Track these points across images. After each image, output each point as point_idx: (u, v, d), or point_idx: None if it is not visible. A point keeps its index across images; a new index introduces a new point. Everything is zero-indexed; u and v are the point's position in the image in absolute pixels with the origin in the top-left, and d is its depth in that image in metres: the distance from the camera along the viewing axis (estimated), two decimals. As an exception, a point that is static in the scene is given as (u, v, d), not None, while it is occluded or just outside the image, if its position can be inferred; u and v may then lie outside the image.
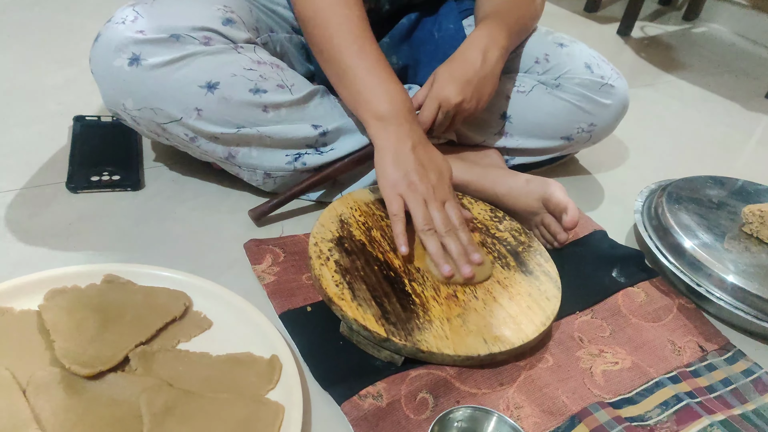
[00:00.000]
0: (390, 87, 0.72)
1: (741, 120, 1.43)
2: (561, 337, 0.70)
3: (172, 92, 0.70)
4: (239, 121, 0.74)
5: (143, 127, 0.75)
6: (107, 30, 0.70)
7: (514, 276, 0.72)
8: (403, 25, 0.90)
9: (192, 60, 0.70)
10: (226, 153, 0.77)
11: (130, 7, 0.71)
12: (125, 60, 0.69)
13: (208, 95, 0.71)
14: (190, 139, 0.75)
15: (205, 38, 0.71)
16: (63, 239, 0.72)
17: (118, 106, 0.72)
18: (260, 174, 0.80)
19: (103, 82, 0.71)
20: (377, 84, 0.72)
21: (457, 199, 0.70)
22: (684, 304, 0.78)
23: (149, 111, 0.72)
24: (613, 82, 0.90)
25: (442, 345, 0.61)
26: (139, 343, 0.59)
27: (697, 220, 0.85)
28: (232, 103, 0.72)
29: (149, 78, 0.69)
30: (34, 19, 1.25)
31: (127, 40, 0.68)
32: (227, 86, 0.72)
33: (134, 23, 0.69)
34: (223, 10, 0.74)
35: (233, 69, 0.72)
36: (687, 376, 0.68)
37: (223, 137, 0.75)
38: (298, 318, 0.66)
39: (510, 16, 0.85)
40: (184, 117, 0.72)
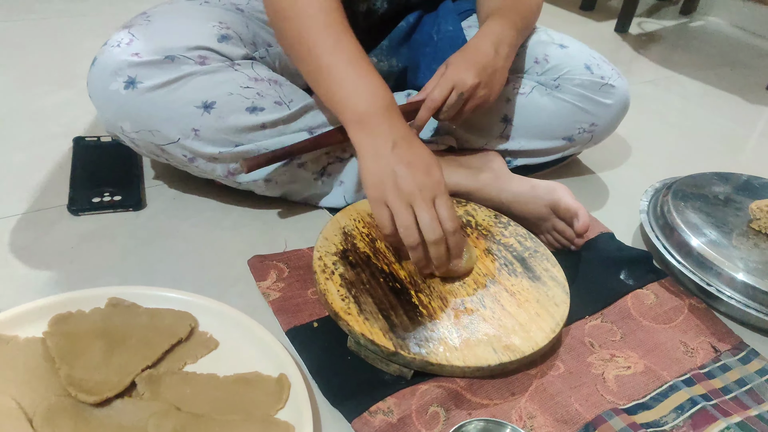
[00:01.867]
0: (368, 82, 0.67)
1: (743, 113, 1.42)
2: (571, 343, 0.69)
3: (168, 114, 0.70)
4: (237, 140, 0.73)
5: (142, 149, 0.75)
6: (103, 53, 0.70)
7: (522, 282, 0.72)
8: (401, 28, 0.90)
9: (187, 81, 0.70)
10: (225, 171, 0.77)
11: (126, 29, 0.71)
12: (121, 83, 0.68)
13: (205, 115, 0.71)
14: (189, 159, 0.74)
15: (201, 57, 0.70)
16: (66, 263, 0.72)
17: (116, 129, 0.72)
18: (261, 183, 0.79)
19: (101, 106, 0.71)
20: (354, 81, 0.67)
21: (449, 196, 0.65)
22: (695, 304, 0.77)
23: (147, 133, 0.71)
24: (614, 81, 0.90)
25: (451, 357, 0.61)
26: (145, 366, 0.58)
27: (704, 218, 0.84)
28: (228, 122, 0.72)
29: (145, 101, 0.69)
30: (31, 40, 1.25)
31: (123, 64, 0.68)
32: (224, 106, 0.71)
33: (129, 46, 0.69)
34: (219, 27, 0.73)
35: (229, 88, 0.71)
36: (701, 378, 0.67)
37: (222, 156, 0.74)
38: (305, 334, 0.65)
39: (514, 13, 0.84)
40: (181, 138, 0.72)
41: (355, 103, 0.66)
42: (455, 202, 0.83)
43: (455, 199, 0.84)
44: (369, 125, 0.66)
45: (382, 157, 0.64)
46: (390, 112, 0.67)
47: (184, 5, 0.77)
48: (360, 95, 0.66)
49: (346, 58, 0.67)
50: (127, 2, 1.50)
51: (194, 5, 0.77)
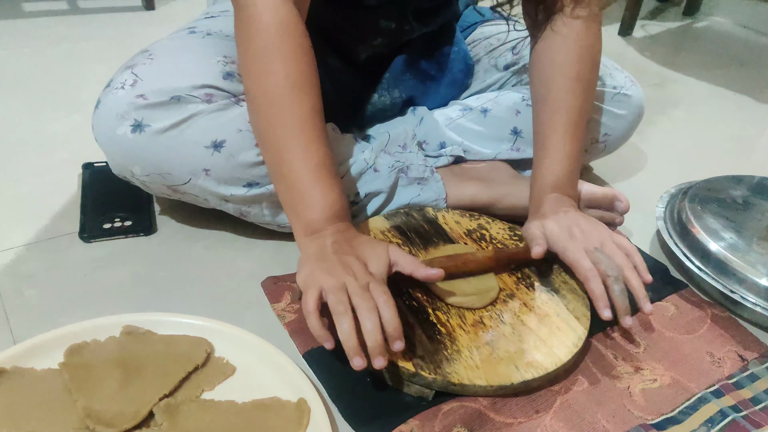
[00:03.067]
0: (326, 196, 0.64)
1: (754, 113, 1.41)
2: (594, 356, 0.68)
3: (178, 156, 0.69)
4: (249, 178, 0.72)
5: (153, 190, 0.74)
6: (107, 96, 0.68)
7: (541, 296, 0.70)
8: (404, 58, 0.89)
9: (195, 120, 0.68)
10: (238, 212, 0.76)
11: (128, 69, 0.69)
12: (128, 127, 0.67)
13: (215, 155, 0.69)
14: (203, 200, 0.74)
15: (207, 96, 0.69)
16: (80, 291, 0.71)
17: (126, 172, 0.71)
18: (274, 226, 0.79)
19: (109, 150, 0.70)
20: (315, 195, 0.64)
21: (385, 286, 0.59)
22: (717, 313, 0.75)
23: (157, 176, 0.70)
24: (627, 90, 0.89)
25: (473, 376, 0.59)
26: (162, 395, 0.57)
27: (724, 223, 0.82)
28: (239, 160, 0.70)
29: (154, 144, 0.68)
30: (36, 66, 1.26)
31: (129, 107, 0.67)
32: (233, 144, 0.70)
33: (134, 88, 0.67)
34: (223, 62, 0.71)
35: (238, 124, 0.70)
36: (730, 388, 0.66)
37: (234, 198, 0.73)
38: (323, 356, 0.64)
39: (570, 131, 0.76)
40: (192, 179, 0.71)
41: (308, 214, 0.64)
42: (468, 216, 0.82)
43: (468, 213, 0.83)
44: (316, 231, 0.64)
45: (321, 251, 0.62)
46: (339, 222, 0.65)
47: (186, 39, 0.75)
48: (316, 206, 0.64)
49: (312, 168, 0.65)
50: (130, 26, 1.51)
51: (197, 38, 0.75)
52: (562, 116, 0.76)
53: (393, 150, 0.83)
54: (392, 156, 0.82)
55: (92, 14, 1.56)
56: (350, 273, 0.59)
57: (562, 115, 0.76)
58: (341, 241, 0.63)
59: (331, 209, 0.65)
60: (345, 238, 0.64)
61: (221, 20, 0.80)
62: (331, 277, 0.59)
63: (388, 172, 0.80)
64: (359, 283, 0.58)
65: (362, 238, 0.65)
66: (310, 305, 0.58)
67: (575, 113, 0.77)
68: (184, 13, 1.60)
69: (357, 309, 0.56)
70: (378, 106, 0.88)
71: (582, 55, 0.77)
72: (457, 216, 0.82)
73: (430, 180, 0.83)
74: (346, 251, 0.62)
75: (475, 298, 0.68)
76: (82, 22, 1.50)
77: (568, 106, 0.76)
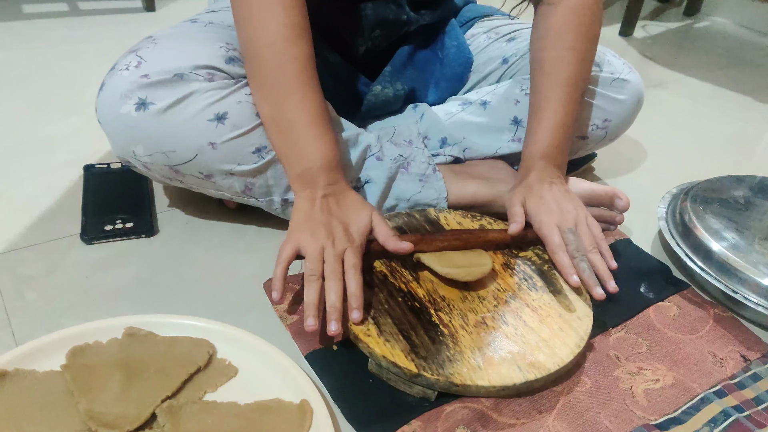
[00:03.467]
0: (321, 145, 0.69)
1: (755, 113, 1.41)
2: (596, 357, 0.68)
3: (183, 132, 0.69)
4: (257, 143, 0.72)
5: (155, 173, 0.74)
6: (111, 78, 0.69)
7: (543, 297, 0.70)
8: (404, 50, 0.89)
9: (197, 96, 0.69)
10: (242, 186, 0.76)
11: (133, 53, 0.70)
12: (132, 106, 0.68)
13: (219, 127, 0.70)
14: (206, 176, 0.74)
15: (209, 75, 0.70)
16: (81, 293, 0.71)
17: (128, 153, 0.72)
18: (278, 202, 0.78)
19: (112, 131, 0.70)
20: (310, 141, 0.69)
21: (361, 250, 0.66)
22: (720, 313, 0.75)
23: (161, 155, 0.71)
24: (625, 76, 0.89)
25: (475, 376, 0.59)
26: (164, 397, 0.57)
27: (726, 223, 0.82)
28: (243, 130, 0.71)
29: (158, 121, 0.68)
30: (36, 69, 1.26)
31: (133, 86, 0.68)
32: (235, 114, 0.71)
33: (138, 68, 0.68)
34: (226, 48, 0.73)
35: (238, 97, 0.71)
36: (732, 389, 0.66)
37: (239, 172, 0.74)
38: (325, 358, 0.64)
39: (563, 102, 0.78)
40: (198, 154, 0.71)
41: (302, 161, 0.69)
42: (470, 217, 0.82)
43: (470, 213, 0.83)
44: (309, 180, 0.69)
45: (310, 205, 0.68)
46: (330, 173, 0.70)
47: (189, 28, 0.77)
48: (310, 154, 0.69)
49: (307, 117, 0.69)
50: (129, 26, 1.51)
51: (199, 27, 0.77)
52: (556, 86, 0.78)
53: (399, 141, 0.83)
54: (398, 147, 0.82)
55: (92, 16, 1.56)
56: (330, 237, 0.65)
57: (555, 85, 0.78)
58: (330, 197, 0.69)
59: (325, 158, 0.69)
60: (335, 195, 0.69)
61: (222, 14, 0.81)
62: (312, 239, 0.65)
63: (390, 163, 0.81)
64: (335, 250, 0.64)
65: (350, 198, 0.70)
66: (283, 256, 0.65)
67: (569, 83, 0.78)
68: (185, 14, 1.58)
69: (326, 279, 0.63)
70: (381, 98, 0.88)
71: (578, 25, 0.78)
72: (459, 217, 0.82)
73: (431, 177, 0.83)
74: (333, 211, 0.68)
75: (464, 270, 0.69)
76: (82, 24, 1.50)
77: (561, 76, 0.78)
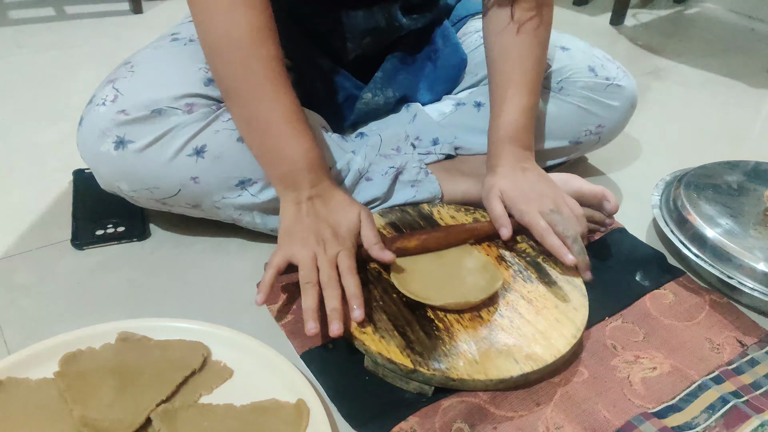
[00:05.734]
0: (299, 141, 0.67)
1: (747, 98, 1.40)
2: (593, 347, 0.68)
3: (163, 171, 0.68)
4: (238, 174, 0.71)
5: (143, 203, 0.74)
6: (89, 113, 0.68)
7: (538, 288, 0.70)
8: (395, 55, 0.88)
9: (176, 132, 0.67)
10: (230, 219, 0.76)
11: (109, 83, 0.68)
12: (111, 144, 0.67)
13: (200, 161, 0.69)
14: (193, 206, 0.73)
15: (188, 106, 0.68)
16: (74, 299, 0.71)
17: (113, 188, 0.71)
18: (266, 231, 0.78)
19: (94, 167, 0.70)
20: (287, 140, 0.67)
21: (353, 251, 0.66)
22: (716, 299, 0.75)
23: (145, 191, 0.70)
24: (620, 81, 0.88)
25: (472, 370, 0.59)
26: (159, 401, 0.57)
27: (720, 209, 0.82)
28: (224, 158, 0.70)
29: (138, 161, 0.67)
30: (24, 74, 1.25)
31: (110, 123, 0.66)
32: (214, 144, 0.69)
33: (114, 103, 0.66)
34: (205, 69, 0.70)
35: (215, 126, 0.69)
36: (730, 374, 0.65)
37: (224, 203, 0.73)
38: (321, 356, 0.64)
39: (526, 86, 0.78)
40: (182, 189, 0.70)
41: (283, 162, 0.68)
42: (464, 211, 0.82)
43: (463, 207, 0.83)
44: (292, 183, 0.68)
45: (298, 209, 0.67)
46: (314, 173, 0.68)
47: (168, 48, 0.74)
48: (290, 155, 0.67)
49: (282, 115, 0.67)
50: (117, 29, 1.50)
51: (178, 46, 0.74)
52: (519, 69, 0.78)
53: (386, 152, 0.82)
54: (386, 159, 0.82)
55: (79, 20, 1.55)
56: (321, 243, 0.64)
57: (519, 68, 0.78)
58: (316, 198, 0.68)
59: (306, 158, 0.68)
60: (320, 195, 0.68)
61: None
62: (303, 248, 0.64)
63: (381, 180, 0.80)
64: (328, 256, 0.64)
65: (336, 198, 0.69)
66: (273, 263, 0.64)
67: (531, 69, 0.79)
68: (172, 15, 1.58)
69: (323, 287, 0.62)
70: (371, 105, 0.87)
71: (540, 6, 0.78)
72: (453, 211, 0.82)
73: (424, 181, 0.82)
74: (320, 213, 0.67)
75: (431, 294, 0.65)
76: (69, 28, 1.49)
77: (524, 63, 0.78)
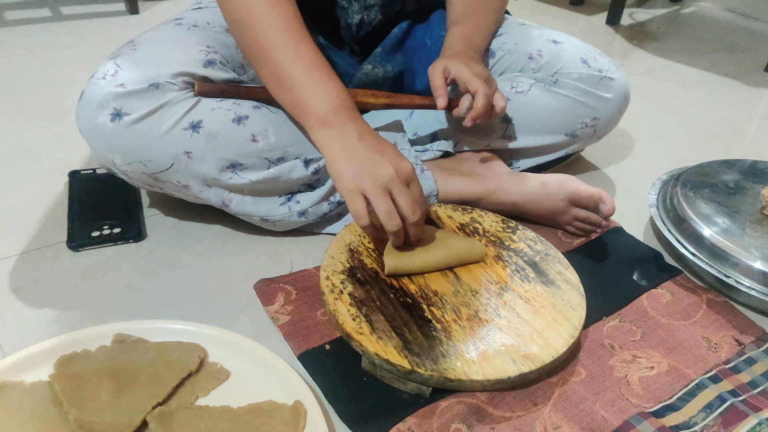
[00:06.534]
0: (328, 86, 0.69)
1: (744, 97, 1.41)
2: (591, 346, 0.68)
3: (158, 142, 0.69)
4: (231, 156, 0.72)
5: (136, 180, 0.73)
6: (90, 87, 0.69)
7: (536, 288, 0.70)
8: (394, 35, 0.89)
9: (171, 105, 0.69)
10: (219, 201, 0.75)
11: (112, 60, 0.70)
12: (108, 116, 0.67)
13: (194, 135, 0.70)
14: (183, 185, 0.73)
15: (185, 84, 0.70)
16: (69, 301, 0.70)
17: (107, 162, 0.71)
18: (256, 219, 0.78)
19: (90, 140, 0.70)
20: (316, 85, 0.69)
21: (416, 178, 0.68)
22: (713, 298, 0.75)
23: (138, 164, 0.70)
24: (612, 74, 0.88)
25: (470, 371, 0.59)
26: (156, 404, 0.56)
27: (716, 208, 0.82)
28: (219, 138, 0.71)
29: (133, 132, 0.68)
30: (19, 75, 1.25)
31: (108, 96, 0.67)
32: (210, 121, 0.70)
33: (114, 77, 0.68)
34: (205, 51, 0.72)
35: (211, 104, 0.71)
36: (727, 373, 0.65)
37: (216, 182, 0.73)
38: (318, 358, 0.64)
39: (480, 16, 0.86)
40: (175, 164, 0.70)
41: (318, 106, 0.68)
42: (461, 210, 0.82)
43: (461, 207, 0.83)
44: (333, 124, 0.68)
45: (352, 149, 0.66)
46: (351, 111, 0.69)
47: (171, 31, 0.76)
48: (322, 98, 0.68)
49: (306, 64, 0.69)
50: (113, 30, 1.50)
51: (182, 29, 0.76)
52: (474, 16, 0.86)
53: None
54: None
55: (75, 20, 1.55)
56: (391, 172, 0.64)
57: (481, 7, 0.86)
58: (369, 137, 0.68)
59: (338, 98, 0.69)
60: (371, 135, 0.68)
61: (209, 12, 0.80)
62: (374, 185, 0.64)
63: None
64: (402, 184, 0.64)
65: (384, 139, 0.69)
66: (364, 219, 0.65)
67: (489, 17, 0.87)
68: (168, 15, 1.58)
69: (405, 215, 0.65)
70: (371, 77, 0.88)
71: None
72: (450, 210, 0.82)
73: (420, 177, 0.82)
74: (379, 148, 0.67)
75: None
76: (65, 29, 1.49)
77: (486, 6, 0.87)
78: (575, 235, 0.85)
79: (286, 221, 0.79)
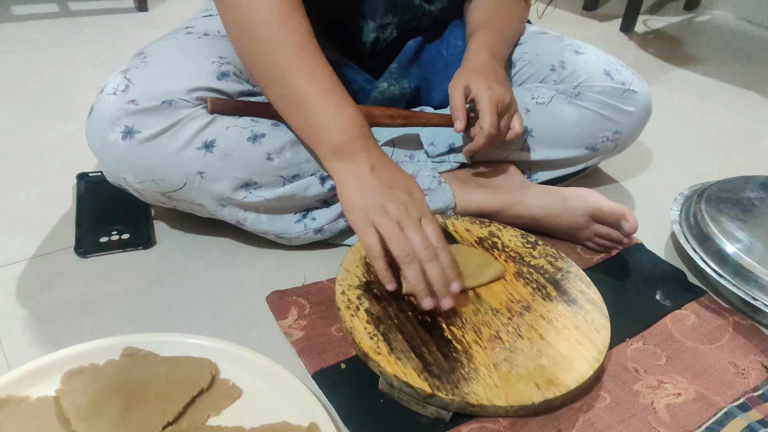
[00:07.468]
0: (344, 112, 0.65)
1: (762, 109, 1.38)
2: (615, 370, 0.65)
3: (170, 162, 0.66)
4: (245, 175, 0.69)
5: (148, 198, 0.71)
6: (99, 102, 0.66)
7: (558, 307, 0.68)
8: (410, 48, 0.86)
9: (185, 124, 0.66)
10: (234, 219, 0.73)
11: (122, 74, 0.66)
12: (119, 134, 0.65)
13: (208, 155, 0.67)
14: (198, 204, 0.71)
15: (198, 100, 0.66)
16: (77, 311, 0.68)
17: (119, 179, 0.69)
18: (272, 236, 0.76)
19: (101, 158, 0.68)
20: (331, 111, 0.65)
21: (433, 215, 0.64)
22: (739, 321, 0.73)
23: (151, 183, 0.68)
24: (635, 87, 0.86)
25: (492, 395, 0.57)
26: (166, 423, 0.54)
27: (741, 225, 0.80)
28: (233, 157, 0.68)
29: (145, 151, 0.65)
30: (28, 73, 1.22)
31: (119, 113, 0.64)
32: (224, 141, 0.67)
33: (125, 93, 0.64)
34: (218, 63, 0.69)
35: (226, 122, 0.68)
36: (756, 401, 0.63)
37: (230, 201, 0.71)
38: (333, 377, 0.62)
39: (501, 23, 0.84)
40: (187, 183, 0.68)
41: (332, 134, 0.65)
42: (479, 223, 0.80)
43: (479, 220, 0.80)
44: (347, 153, 0.65)
45: (363, 181, 0.63)
46: (366, 139, 0.66)
47: (182, 40, 0.72)
48: (336, 125, 0.65)
49: (320, 87, 0.65)
50: (122, 27, 1.47)
51: (193, 39, 0.73)
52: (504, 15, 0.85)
53: (399, 159, 0.80)
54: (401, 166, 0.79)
55: (83, 17, 1.52)
56: (402, 208, 0.61)
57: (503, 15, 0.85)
58: (378, 167, 0.64)
59: (353, 126, 0.65)
60: (381, 164, 0.65)
61: (219, 20, 0.77)
62: (384, 217, 0.61)
63: None
64: (412, 221, 0.61)
65: (398, 168, 0.66)
66: (376, 250, 0.61)
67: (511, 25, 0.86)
68: (178, 13, 1.56)
69: (422, 260, 0.60)
70: (387, 95, 0.85)
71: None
72: (467, 223, 0.79)
73: (437, 190, 0.80)
74: (387, 180, 0.63)
75: None
76: (73, 25, 1.47)
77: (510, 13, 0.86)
78: (595, 251, 0.83)
79: (302, 238, 0.76)
